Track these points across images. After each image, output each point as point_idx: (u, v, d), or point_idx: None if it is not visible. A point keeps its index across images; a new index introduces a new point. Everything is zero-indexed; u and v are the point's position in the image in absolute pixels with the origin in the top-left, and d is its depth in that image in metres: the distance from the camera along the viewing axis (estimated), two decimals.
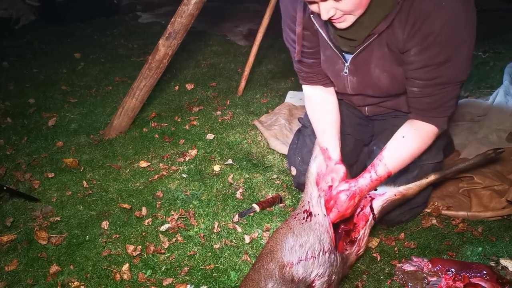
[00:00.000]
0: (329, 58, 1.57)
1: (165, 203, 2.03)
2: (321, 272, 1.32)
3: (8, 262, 1.73)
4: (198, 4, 2.28)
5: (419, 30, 1.29)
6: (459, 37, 1.28)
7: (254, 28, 4.39)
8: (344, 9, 1.26)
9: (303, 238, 1.38)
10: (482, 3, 4.38)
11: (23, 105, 3.12)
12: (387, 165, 1.46)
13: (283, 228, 1.46)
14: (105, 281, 1.62)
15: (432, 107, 1.42)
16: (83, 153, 2.48)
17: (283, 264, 1.32)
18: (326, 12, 1.26)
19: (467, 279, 1.43)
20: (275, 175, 2.17)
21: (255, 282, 1.29)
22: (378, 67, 1.49)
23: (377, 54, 1.45)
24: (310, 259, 1.33)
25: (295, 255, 1.33)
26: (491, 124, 2.24)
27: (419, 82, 1.39)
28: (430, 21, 1.26)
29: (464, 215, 1.78)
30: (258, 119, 2.69)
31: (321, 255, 1.35)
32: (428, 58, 1.32)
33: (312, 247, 1.36)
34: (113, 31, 4.82)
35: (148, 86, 2.51)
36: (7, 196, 2.09)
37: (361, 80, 1.57)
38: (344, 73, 1.57)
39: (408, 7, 1.28)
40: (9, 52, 4.22)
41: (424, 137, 1.47)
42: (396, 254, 1.65)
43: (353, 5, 1.25)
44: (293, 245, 1.36)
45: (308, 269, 1.31)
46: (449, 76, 1.34)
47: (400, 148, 1.48)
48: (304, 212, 1.50)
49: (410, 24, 1.30)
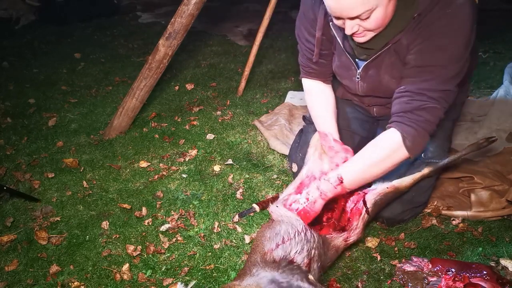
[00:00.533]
0: (343, 64, 1.66)
1: (165, 203, 2.03)
2: (299, 249, 1.40)
3: (8, 262, 1.73)
4: (198, 4, 2.28)
5: (422, 32, 1.37)
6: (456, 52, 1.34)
7: (254, 28, 4.39)
8: (368, 27, 1.35)
9: (277, 228, 1.46)
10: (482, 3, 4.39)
11: (23, 105, 3.13)
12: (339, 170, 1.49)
13: (260, 229, 1.55)
14: (105, 281, 1.62)
15: (404, 109, 1.41)
16: (83, 153, 2.48)
17: (264, 252, 1.40)
18: (351, 28, 1.35)
19: (467, 279, 1.43)
20: (275, 175, 2.17)
21: (242, 274, 1.37)
22: (387, 74, 1.55)
23: (387, 62, 1.52)
24: (287, 241, 1.41)
25: (273, 243, 1.42)
26: (491, 124, 2.24)
27: (408, 79, 1.43)
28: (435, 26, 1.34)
29: (464, 215, 1.78)
30: (258, 119, 2.69)
31: (297, 235, 1.43)
32: (423, 59, 1.38)
33: (287, 231, 1.44)
34: (113, 31, 4.82)
35: (148, 86, 2.51)
36: (7, 196, 2.09)
37: (371, 85, 1.64)
38: (356, 78, 1.65)
39: (420, 19, 1.37)
40: (9, 52, 4.22)
41: (384, 147, 1.44)
42: (396, 254, 1.65)
43: (377, 24, 1.34)
44: (270, 236, 1.45)
45: (287, 250, 1.39)
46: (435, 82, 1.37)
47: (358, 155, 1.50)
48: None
49: (417, 30, 1.38)
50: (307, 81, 1.83)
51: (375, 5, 1.27)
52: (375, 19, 1.31)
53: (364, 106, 1.85)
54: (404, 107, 1.42)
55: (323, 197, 1.48)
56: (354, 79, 1.66)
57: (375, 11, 1.29)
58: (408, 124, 1.40)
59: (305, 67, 1.80)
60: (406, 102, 1.41)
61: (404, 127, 1.40)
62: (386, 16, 1.33)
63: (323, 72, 1.77)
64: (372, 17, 1.30)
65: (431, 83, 1.37)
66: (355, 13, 1.28)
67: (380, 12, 1.29)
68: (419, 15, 1.36)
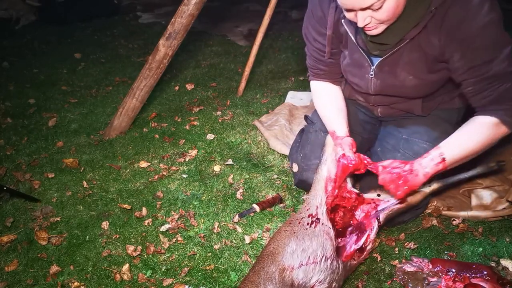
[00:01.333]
0: (355, 61, 1.63)
1: (165, 203, 2.03)
2: (321, 278, 1.31)
3: (8, 263, 1.73)
4: (198, 4, 2.28)
5: (456, 36, 1.35)
6: (496, 36, 1.32)
7: (254, 28, 4.39)
8: (380, 18, 1.33)
9: (306, 243, 1.37)
10: None
11: (23, 105, 3.13)
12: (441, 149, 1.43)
13: (287, 231, 1.44)
14: (105, 282, 1.62)
15: (489, 101, 1.40)
16: (83, 153, 2.48)
17: (284, 268, 1.31)
18: (363, 20, 1.34)
19: (468, 279, 1.43)
20: (275, 176, 2.17)
21: (255, 284, 1.28)
22: (405, 70, 1.53)
23: (406, 58, 1.50)
24: (312, 264, 1.32)
25: (296, 259, 1.32)
26: None
27: (470, 80, 1.40)
28: (465, 25, 1.31)
29: (465, 215, 1.78)
30: (258, 119, 2.69)
31: (323, 261, 1.34)
32: (471, 60, 1.36)
33: (315, 252, 1.35)
34: (113, 31, 4.82)
35: (148, 86, 2.51)
36: (7, 197, 2.09)
37: (385, 82, 1.61)
38: (369, 75, 1.62)
39: (442, 13, 1.34)
40: (10, 52, 4.23)
41: (485, 131, 1.41)
42: (396, 255, 1.65)
43: (389, 15, 1.32)
44: (295, 249, 1.35)
45: (308, 274, 1.30)
46: (497, 69, 1.35)
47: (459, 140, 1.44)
48: (309, 217, 1.47)
49: (445, 31, 1.36)
50: (316, 83, 1.80)
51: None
52: (387, 9, 1.29)
53: (368, 106, 1.83)
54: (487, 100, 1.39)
55: (424, 173, 1.43)
56: (367, 77, 1.62)
57: (388, 1, 1.27)
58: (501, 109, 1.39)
59: (313, 69, 1.78)
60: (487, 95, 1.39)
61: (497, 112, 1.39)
62: (398, 6, 1.31)
63: (333, 72, 1.74)
64: (384, 7, 1.29)
65: (494, 76, 1.35)
66: (367, 3, 1.27)
67: (392, 1, 1.28)
68: (436, 8, 1.33)
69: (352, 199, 1.61)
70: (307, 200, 1.58)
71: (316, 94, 1.80)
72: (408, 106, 1.71)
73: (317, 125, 1.88)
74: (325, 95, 1.77)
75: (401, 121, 1.78)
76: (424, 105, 1.68)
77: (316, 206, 1.51)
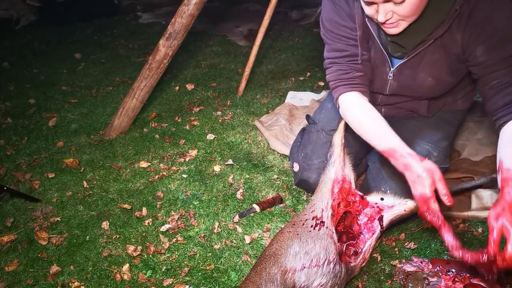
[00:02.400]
0: (375, 61, 1.54)
1: (165, 203, 2.03)
2: (323, 282, 1.30)
3: (9, 263, 1.73)
4: (199, 4, 2.28)
5: (483, 30, 1.30)
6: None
7: (254, 28, 4.39)
8: (401, 13, 1.26)
9: (309, 246, 1.35)
10: None
11: (24, 105, 3.13)
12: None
13: (290, 232, 1.43)
14: (105, 282, 1.62)
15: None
16: (83, 154, 2.48)
17: (286, 270, 1.30)
18: (384, 14, 1.27)
19: (468, 279, 1.43)
20: (275, 176, 2.17)
21: (256, 285, 1.28)
22: (424, 71, 1.47)
23: (427, 60, 1.44)
24: (314, 267, 1.31)
25: (299, 262, 1.31)
26: (491, 125, 2.24)
27: (498, 72, 1.33)
28: (493, 20, 1.28)
29: (465, 215, 1.78)
30: (259, 120, 2.69)
31: (326, 265, 1.33)
32: (500, 54, 1.31)
33: (318, 255, 1.33)
34: (113, 31, 4.82)
35: (149, 86, 2.51)
36: (7, 197, 2.09)
37: (403, 83, 1.55)
38: (388, 76, 1.55)
39: (467, 11, 1.30)
40: (10, 52, 4.23)
41: None
42: (396, 255, 1.65)
43: (411, 10, 1.25)
44: (298, 251, 1.34)
45: (310, 277, 1.29)
46: None
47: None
48: (313, 219, 1.46)
49: (471, 27, 1.31)
50: (349, 96, 1.52)
51: None
52: (411, 4, 1.22)
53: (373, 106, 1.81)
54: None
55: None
56: (384, 78, 1.56)
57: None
58: None
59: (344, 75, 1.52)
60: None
61: None
62: (421, 3, 1.25)
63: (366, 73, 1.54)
64: (408, 0, 1.22)
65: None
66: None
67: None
68: (461, 6, 1.29)
69: (356, 204, 1.57)
70: (312, 202, 1.55)
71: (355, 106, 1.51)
72: (414, 106, 1.68)
73: (319, 125, 1.87)
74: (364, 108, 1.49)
75: (404, 122, 1.76)
76: (430, 106, 1.67)
77: (322, 209, 1.48)
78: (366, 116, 1.47)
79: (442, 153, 1.68)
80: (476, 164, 1.99)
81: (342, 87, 1.54)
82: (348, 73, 1.53)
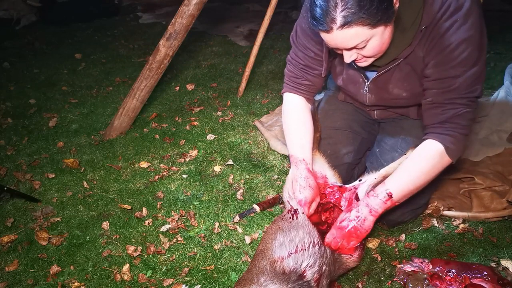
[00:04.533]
0: (350, 77, 1.64)
1: (165, 203, 2.03)
2: (311, 262, 1.36)
3: (9, 263, 1.73)
4: (199, 4, 2.28)
5: (436, 44, 1.36)
6: (472, 56, 1.33)
7: (254, 28, 4.39)
8: (366, 55, 1.35)
9: (292, 234, 1.43)
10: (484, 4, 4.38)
11: (24, 105, 3.13)
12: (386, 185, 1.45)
13: (272, 228, 1.50)
14: (105, 282, 1.62)
15: (440, 120, 1.41)
16: (83, 154, 2.48)
17: (274, 260, 1.36)
18: (349, 57, 1.35)
19: (468, 280, 1.43)
20: (275, 176, 2.17)
21: (248, 280, 1.33)
22: (397, 87, 1.55)
23: (397, 76, 1.51)
24: (300, 251, 1.37)
25: (285, 250, 1.38)
26: (492, 125, 2.24)
27: (433, 91, 1.42)
28: (446, 36, 1.33)
29: (465, 216, 1.78)
30: (259, 120, 2.69)
31: (311, 247, 1.40)
32: (443, 70, 1.37)
33: (302, 240, 1.40)
34: (113, 31, 4.83)
35: (149, 86, 2.51)
36: (7, 197, 2.09)
37: (379, 96, 1.63)
38: (364, 90, 1.63)
39: (430, 30, 1.36)
40: (10, 52, 4.23)
41: (429, 162, 1.43)
42: (396, 255, 1.65)
43: (374, 51, 1.34)
44: (283, 241, 1.41)
45: (298, 261, 1.35)
46: (461, 88, 1.36)
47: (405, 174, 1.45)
48: (289, 212, 1.53)
49: (429, 41, 1.37)
50: (292, 96, 1.71)
51: (370, 36, 1.26)
52: (372, 48, 1.31)
53: (365, 109, 1.85)
54: (439, 118, 1.41)
55: (373, 214, 1.46)
56: (361, 91, 1.64)
57: (371, 40, 1.28)
58: (448, 134, 1.40)
59: (296, 79, 1.69)
60: (440, 113, 1.41)
61: (444, 137, 1.40)
62: (383, 43, 1.33)
63: (316, 85, 1.70)
64: (369, 46, 1.30)
65: (457, 91, 1.37)
66: (350, 45, 1.29)
67: (377, 40, 1.29)
68: (426, 27, 1.35)
69: (333, 193, 1.64)
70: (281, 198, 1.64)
71: (290, 109, 1.72)
72: (404, 111, 1.75)
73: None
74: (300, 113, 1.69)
75: (399, 122, 1.80)
76: (419, 111, 1.69)
77: (287, 200, 1.59)
78: (295, 122, 1.68)
79: None
80: (476, 164, 1.99)
81: (290, 87, 1.72)
82: (298, 78, 1.69)
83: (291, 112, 1.71)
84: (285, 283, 1.28)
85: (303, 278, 1.33)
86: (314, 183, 1.58)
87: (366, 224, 1.46)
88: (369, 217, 1.45)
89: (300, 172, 1.58)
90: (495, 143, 2.10)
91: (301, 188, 1.55)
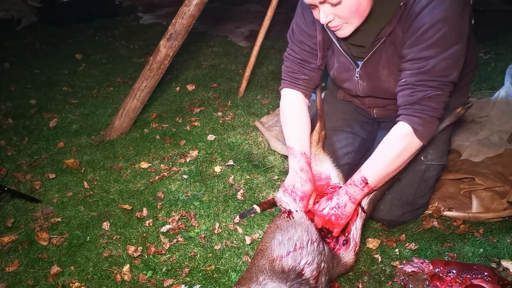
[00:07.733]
0: (342, 65, 1.66)
1: (166, 204, 2.03)
2: (310, 260, 1.38)
3: (9, 263, 1.73)
4: (199, 5, 2.29)
5: (412, 24, 1.37)
6: (447, 38, 1.33)
7: (255, 29, 4.39)
8: (340, 15, 1.36)
9: (291, 232, 1.44)
10: (484, 4, 4.38)
11: (24, 106, 3.13)
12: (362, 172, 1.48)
13: (271, 227, 1.52)
14: (105, 282, 1.62)
15: (409, 101, 1.42)
16: (84, 154, 2.48)
17: (273, 258, 1.37)
18: (325, 16, 1.36)
19: (468, 280, 1.43)
20: (276, 176, 2.17)
21: (248, 279, 1.34)
22: (386, 69, 1.55)
23: (385, 57, 1.52)
24: (299, 249, 1.38)
25: (283, 249, 1.39)
26: (492, 125, 2.24)
27: (406, 72, 1.43)
28: (421, 16, 1.34)
29: (465, 216, 1.78)
30: (259, 120, 2.69)
31: (309, 244, 1.41)
32: (417, 50, 1.38)
33: (300, 238, 1.42)
34: (114, 32, 4.83)
35: (149, 87, 2.51)
36: (8, 197, 2.09)
37: (371, 83, 1.64)
38: (355, 77, 1.65)
39: (408, 8, 1.37)
40: (11, 53, 4.23)
41: (399, 144, 1.44)
42: (397, 255, 1.65)
43: (349, 12, 1.34)
44: (282, 240, 1.42)
45: (297, 259, 1.37)
46: (434, 64, 1.36)
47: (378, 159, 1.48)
48: (284, 213, 1.56)
49: (406, 20, 1.39)
50: (290, 91, 1.77)
51: None
52: (347, 6, 1.32)
53: (364, 108, 1.85)
54: (408, 100, 1.43)
55: (353, 201, 1.49)
56: (354, 79, 1.66)
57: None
58: (416, 115, 1.41)
59: (294, 74, 1.75)
60: (410, 94, 1.42)
61: (412, 119, 1.42)
62: (360, 6, 1.33)
63: (313, 80, 1.74)
64: (344, 3, 1.31)
65: (428, 74, 1.38)
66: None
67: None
68: (405, 4, 1.36)
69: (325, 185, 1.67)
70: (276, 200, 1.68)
71: (288, 103, 1.76)
72: None
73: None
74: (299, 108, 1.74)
75: None
76: None
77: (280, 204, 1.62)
78: (292, 115, 1.72)
79: (438, 150, 1.69)
80: (476, 165, 1.99)
81: (288, 83, 1.78)
82: (296, 72, 1.74)
83: (288, 106, 1.75)
84: (284, 281, 1.29)
85: (302, 276, 1.34)
86: (313, 177, 1.61)
87: (347, 211, 1.49)
88: (349, 204, 1.49)
89: (301, 165, 1.61)
90: (495, 144, 2.10)
91: (302, 181, 1.58)
